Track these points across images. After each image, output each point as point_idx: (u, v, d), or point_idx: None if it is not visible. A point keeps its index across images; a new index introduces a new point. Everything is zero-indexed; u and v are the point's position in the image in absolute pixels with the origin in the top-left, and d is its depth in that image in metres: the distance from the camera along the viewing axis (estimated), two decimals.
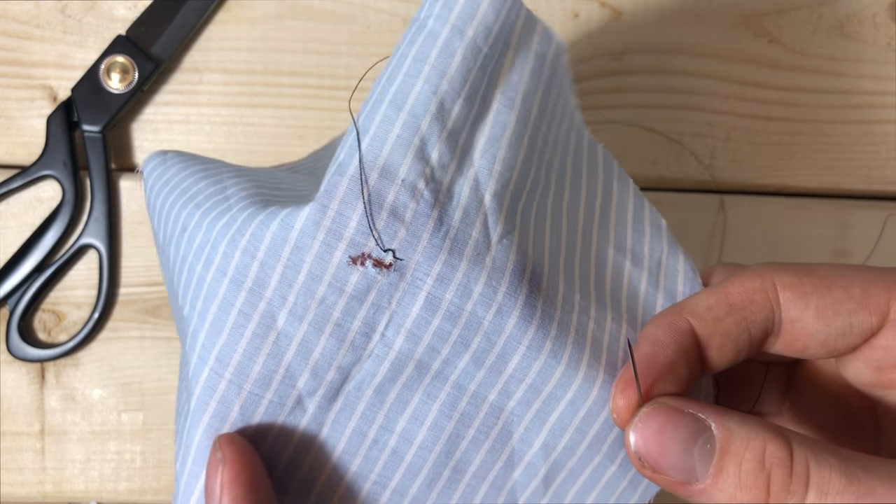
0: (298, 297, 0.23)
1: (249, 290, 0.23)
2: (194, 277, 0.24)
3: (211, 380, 0.24)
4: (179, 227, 0.25)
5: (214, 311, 0.24)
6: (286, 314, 0.23)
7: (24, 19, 0.42)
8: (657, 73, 0.43)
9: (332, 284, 0.23)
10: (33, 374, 0.42)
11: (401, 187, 0.23)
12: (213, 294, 0.24)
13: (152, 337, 0.42)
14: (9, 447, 0.42)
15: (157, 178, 0.28)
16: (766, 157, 0.44)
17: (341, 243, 0.23)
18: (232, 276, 0.24)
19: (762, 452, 0.21)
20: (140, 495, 0.42)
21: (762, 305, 0.24)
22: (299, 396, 0.24)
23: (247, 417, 0.24)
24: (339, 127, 0.43)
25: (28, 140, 0.42)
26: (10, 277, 0.41)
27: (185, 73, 0.42)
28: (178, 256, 0.25)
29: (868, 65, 0.44)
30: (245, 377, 0.24)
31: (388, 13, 0.42)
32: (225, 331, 0.24)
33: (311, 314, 0.23)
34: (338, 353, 0.24)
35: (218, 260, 0.24)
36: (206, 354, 0.24)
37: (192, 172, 0.27)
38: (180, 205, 0.26)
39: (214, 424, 0.24)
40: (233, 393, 0.24)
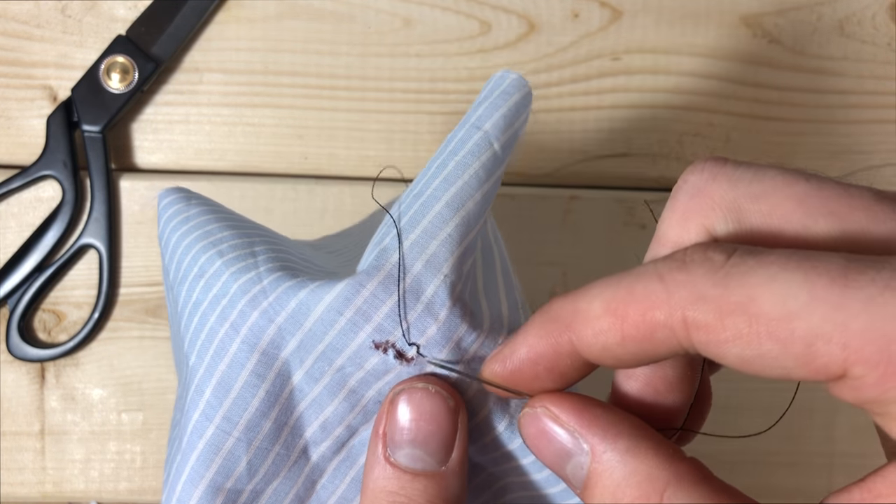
0: (316, 363, 0.23)
1: (263, 352, 0.23)
2: (205, 328, 0.24)
3: (217, 438, 0.23)
4: (196, 271, 0.25)
5: (223, 370, 0.23)
6: (302, 374, 0.23)
7: (24, 19, 0.42)
8: (657, 73, 0.43)
9: (351, 359, 0.23)
10: (33, 374, 0.42)
11: (441, 283, 0.23)
12: (223, 351, 0.23)
13: (152, 337, 0.42)
14: (9, 447, 0.42)
15: (177, 212, 0.27)
16: (767, 157, 0.44)
17: (368, 325, 0.23)
18: (245, 336, 0.23)
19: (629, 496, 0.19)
20: (140, 495, 0.42)
21: (665, 343, 0.18)
22: (305, 445, 0.24)
23: (253, 471, 0.24)
24: (340, 127, 0.43)
25: (28, 140, 0.42)
26: (10, 277, 0.41)
27: (185, 73, 0.42)
28: (191, 300, 0.24)
29: (868, 65, 0.44)
30: (255, 433, 0.23)
31: (389, 13, 0.42)
32: (235, 390, 0.23)
33: (326, 378, 0.23)
34: (349, 415, 0.24)
35: (233, 317, 0.23)
36: (212, 412, 0.23)
37: (218, 219, 0.27)
38: (200, 248, 0.25)
39: (218, 480, 0.23)
40: (241, 450, 0.23)
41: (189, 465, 0.23)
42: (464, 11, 0.43)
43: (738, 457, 0.44)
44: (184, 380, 0.25)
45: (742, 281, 0.17)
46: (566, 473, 0.20)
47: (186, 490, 0.23)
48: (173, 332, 0.27)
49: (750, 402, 0.44)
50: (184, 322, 0.24)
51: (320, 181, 0.43)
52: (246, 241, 0.25)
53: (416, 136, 0.43)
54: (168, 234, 0.26)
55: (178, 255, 0.25)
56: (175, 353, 0.27)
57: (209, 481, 0.23)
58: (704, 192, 0.20)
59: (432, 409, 0.21)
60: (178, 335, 0.26)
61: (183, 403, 0.24)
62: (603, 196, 0.43)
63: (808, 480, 0.44)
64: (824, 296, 0.16)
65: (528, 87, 0.25)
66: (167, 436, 0.42)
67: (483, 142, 0.24)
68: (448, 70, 0.43)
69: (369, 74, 0.42)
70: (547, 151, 0.43)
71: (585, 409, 0.20)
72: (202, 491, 0.23)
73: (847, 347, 0.16)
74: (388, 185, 0.43)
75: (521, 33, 0.43)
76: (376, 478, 0.21)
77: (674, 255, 0.19)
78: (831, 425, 0.44)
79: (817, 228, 0.18)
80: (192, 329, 0.24)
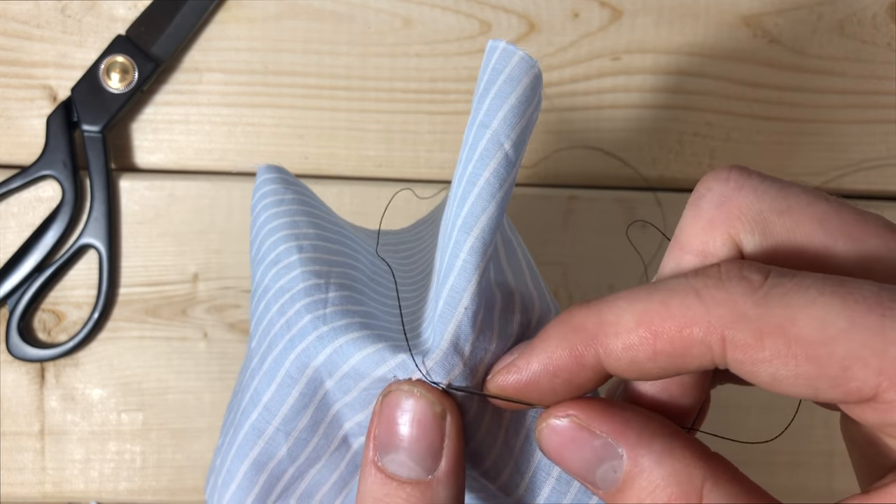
0: (343, 379, 0.23)
1: (298, 356, 0.23)
2: (267, 316, 0.24)
3: (259, 423, 0.24)
4: (272, 257, 0.25)
5: (270, 362, 0.24)
6: (333, 383, 0.23)
7: (24, 19, 0.42)
8: (657, 72, 0.43)
9: (375, 383, 0.23)
10: (33, 374, 0.42)
11: (463, 316, 0.22)
12: (274, 345, 0.24)
13: (152, 337, 0.42)
14: (9, 447, 0.42)
15: (273, 192, 0.27)
16: (767, 156, 0.44)
17: (393, 360, 0.22)
18: (293, 335, 0.23)
19: (668, 496, 0.18)
20: (140, 495, 0.42)
21: (698, 359, 0.18)
22: (345, 436, 0.24)
23: (293, 456, 0.24)
24: (339, 127, 0.43)
25: (28, 140, 0.42)
26: (10, 277, 0.41)
27: (185, 73, 0.42)
28: (262, 284, 0.25)
29: (868, 64, 0.44)
30: (293, 426, 0.24)
31: (388, 13, 0.42)
32: (275, 384, 0.24)
33: (354, 393, 0.23)
34: None
35: (290, 314, 0.23)
36: (258, 399, 0.24)
37: (307, 212, 0.27)
38: (282, 236, 0.25)
39: (261, 460, 0.24)
40: (280, 438, 0.24)
41: (237, 442, 0.24)
42: (464, 11, 0.42)
43: (739, 456, 0.43)
44: (248, 360, 0.26)
45: (782, 302, 0.17)
46: (594, 478, 0.19)
47: (235, 463, 0.24)
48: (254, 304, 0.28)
49: (751, 401, 0.43)
50: (254, 302, 0.25)
51: (320, 181, 0.43)
52: (326, 247, 0.26)
53: (416, 135, 0.43)
54: (259, 211, 0.27)
55: (262, 235, 0.26)
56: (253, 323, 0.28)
57: (252, 460, 0.24)
58: (731, 202, 0.20)
59: (416, 414, 0.21)
60: (251, 311, 0.27)
61: (242, 380, 0.25)
62: (603, 196, 0.43)
63: (809, 481, 0.44)
64: (863, 322, 0.17)
65: (538, 66, 0.23)
66: (167, 436, 0.42)
67: (492, 145, 0.22)
68: (448, 70, 0.43)
69: (369, 74, 0.42)
70: (547, 151, 0.43)
71: (615, 414, 0.20)
72: (247, 467, 0.24)
73: (882, 373, 0.17)
74: (388, 185, 0.43)
75: (522, 33, 0.43)
76: (366, 481, 0.21)
77: (708, 272, 0.19)
78: (832, 425, 0.44)
79: (837, 249, 0.19)
80: (259, 312, 0.24)
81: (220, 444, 0.26)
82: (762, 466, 0.44)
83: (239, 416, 0.25)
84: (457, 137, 0.43)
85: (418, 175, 0.43)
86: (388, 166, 0.43)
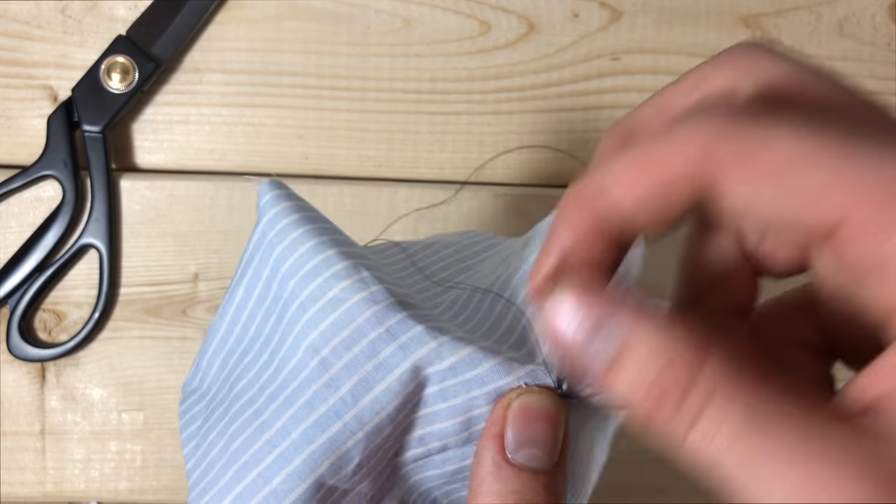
0: (455, 386, 0.24)
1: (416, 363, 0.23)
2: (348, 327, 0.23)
3: (340, 435, 0.23)
4: (336, 270, 0.24)
5: (369, 370, 0.23)
6: (437, 389, 0.24)
7: (25, 19, 0.42)
8: (656, 73, 0.43)
9: (489, 394, 0.24)
10: (34, 374, 0.42)
11: None
12: (373, 353, 0.23)
13: (152, 337, 0.42)
14: (9, 447, 0.42)
15: (289, 211, 0.26)
16: None
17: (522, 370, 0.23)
18: (403, 343, 0.23)
19: (662, 368, 0.18)
20: (140, 495, 0.43)
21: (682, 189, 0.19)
22: (398, 449, 0.25)
23: (358, 471, 0.24)
24: (340, 127, 0.43)
25: (28, 140, 0.42)
26: (11, 277, 0.41)
27: (186, 74, 0.42)
28: (324, 296, 0.24)
29: (867, 65, 0.44)
30: (377, 437, 0.23)
31: (388, 13, 0.42)
32: (375, 391, 0.23)
33: (457, 400, 0.24)
34: (453, 436, 0.24)
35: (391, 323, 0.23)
36: (344, 410, 0.23)
37: (325, 230, 0.26)
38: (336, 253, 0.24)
39: (325, 476, 0.23)
40: (357, 450, 0.23)
41: (300, 458, 0.23)
42: (464, 12, 0.43)
43: None
44: (266, 372, 0.25)
45: (763, 124, 0.18)
46: (588, 355, 0.19)
47: (288, 483, 0.23)
48: (230, 330, 0.27)
49: None
50: (303, 319, 0.24)
51: (320, 181, 0.43)
52: (379, 266, 0.25)
53: (416, 136, 0.43)
54: (282, 230, 0.25)
55: (300, 251, 0.24)
56: (223, 347, 0.27)
57: (317, 477, 0.23)
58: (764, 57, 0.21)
59: (547, 412, 0.23)
60: (259, 330, 0.26)
61: (273, 396, 0.24)
62: None
63: None
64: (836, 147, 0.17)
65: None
66: (167, 435, 0.42)
67: None
68: (448, 70, 0.43)
69: (369, 74, 0.43)
70: (546, 151, 0.43)
71: (613, 292, 0.19)
72: (308, 486, 0.23)
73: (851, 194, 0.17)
74: (389, 185, 0.43)
75: (521, 33, 0.43)
76: (499, 478, 0.22)
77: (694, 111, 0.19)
78: None
79: None
80: (323, 327, 0.23)
81: (219, 465, 0.24)
82: None
83: (280, 433, 0.23)
84: (457, 137, 0.43)
85: (418, 175, 0.43)
86: (389, 166, 0.43)
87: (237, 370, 0.27)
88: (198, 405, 0.28)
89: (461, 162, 0.43)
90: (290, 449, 0.23)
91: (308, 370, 0.23)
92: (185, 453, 0.26)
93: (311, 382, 0.23)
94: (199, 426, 0.27)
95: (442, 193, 0.43)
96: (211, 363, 0.28)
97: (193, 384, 0.29)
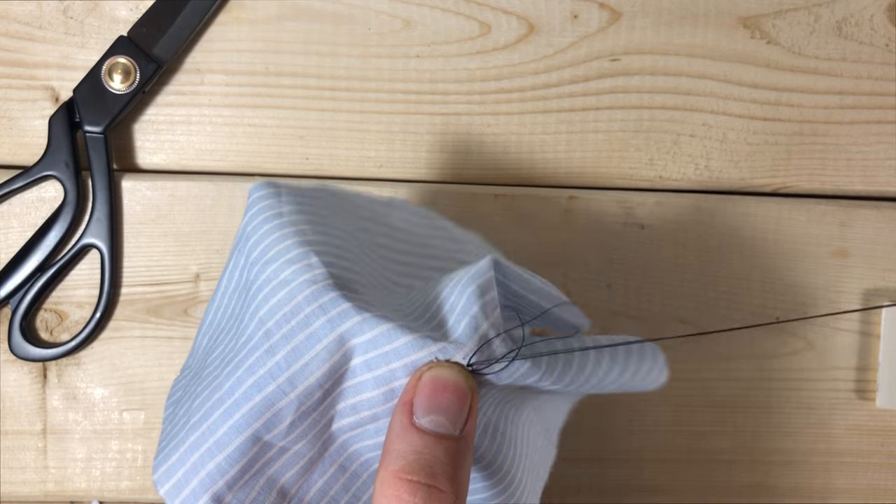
0: (376, 358, 0.26)
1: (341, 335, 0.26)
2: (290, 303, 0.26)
3: (274, 395, 0.26)
4: (290, 256, 0.27)
5: (302, 339, 0.26)
6: (362, 360, 0.27)
7: (26, 20, 0.42)
8: (655, 73, 0.43)
9: (406, 366, 0.26)
10: (35, 374, 0.42)
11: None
12: (306, 325, 0.26)
13: (154, 336, 0.42)
14: (11, 446, 0.42)
15: (269, 207, 0.30)
16: (764, 157, 0.44)
17: (435, 346, 0.26)
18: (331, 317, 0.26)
19: None
20: (142, 494, 0.43)
21: None
22: (333, 416, 0.27)
23: (292, 429, 0.27)
24: (340, 128, 0.43)
25: (30, 140, 0.42)
26: (13, 277, 0.41)
27: (187, 74, 0.43)
28: (276, 278, 0.27)
29: (866, 65, 0.44)
30: (307, 399, 0.26)
31: (389, 14, 0.43)
32: (305, 358, 0.26)
33: (379, 371, 0.26)
34: (379, 406, 0.27)
35: (324, 300, 0.26)
36: (279, 373, 0.26)
37: (309, 220, 0.30)
38: (295, 242, 0.28)
39: (261, 432, 0.26)
40: (290, 409, 0.26)
41: (240, 413, 0.26)
42: (464, 13, 0.43)
43: (735, 455, 0.44)
44: (230, 344, 0.28)
45: None
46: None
47: (229, 435, 0.26)
48: (216, 313, 0.31)
49: (749, 401, 0.44)
50: (258, 297, 0.27)
51: (321, 182, 0.43)
52: (335, 252, 0.29)
53: (417, 136, 0.43)
54: (257, 224, 0.29)
55: (266, 241, 0.28)
56: (209, 328, 0.31)
57: (254, 431, 0.26)
58: None
59: (455, 383, 0.25)
60: (233, 310, 0.29)
61: (229, 361, 0.27)
62: (603, 196, 0.43)
63: (805, 479, 0.44)
64: None
65: None
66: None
67: None
68: (448, 71, 0.43)
69: (369, 75, 0.43)
70: (546, 152, 0.44)
71: None
72: (245, 437, 0.26)
73: None
74: (389, 185, 0.43)
75: (521, 34, 0.43)
76: (405, 439, 0.25)
77: None
78: (829, 424, 0.44)
79: None
80: (271, 304, 0.27)
81: (181, 423, 0.28)
82: (757, 465, 0.44)
83: (228, 392, 0.26)
84: (457, 138, 0.43)
85: (419, 176, 0.43)
86: (389, 167, 0.43)
87: (213, 345, 0.31)
88: (183, 380, 0.31)
89: (461, 162, 0.43)
90: (232, 406, 0.26)
91: (255, 340, 0.27)
92: (163, 418, 0.30)
93: (255, 350, 0.27)
94: (179, 397, 0.30)
95: (442, 194, 0.43)
96: (199, 344, 0.33)
97: (187, 363, 0.33)
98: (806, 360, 0.44)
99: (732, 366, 0.44)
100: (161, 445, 0.28)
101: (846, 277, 0.44)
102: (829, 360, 0.44)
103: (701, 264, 0.43)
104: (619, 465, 0.44)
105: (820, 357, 0.44)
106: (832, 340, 0.44)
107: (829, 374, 0.44)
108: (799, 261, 0.44)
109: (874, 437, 0.44)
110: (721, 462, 0.44)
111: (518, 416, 0.30)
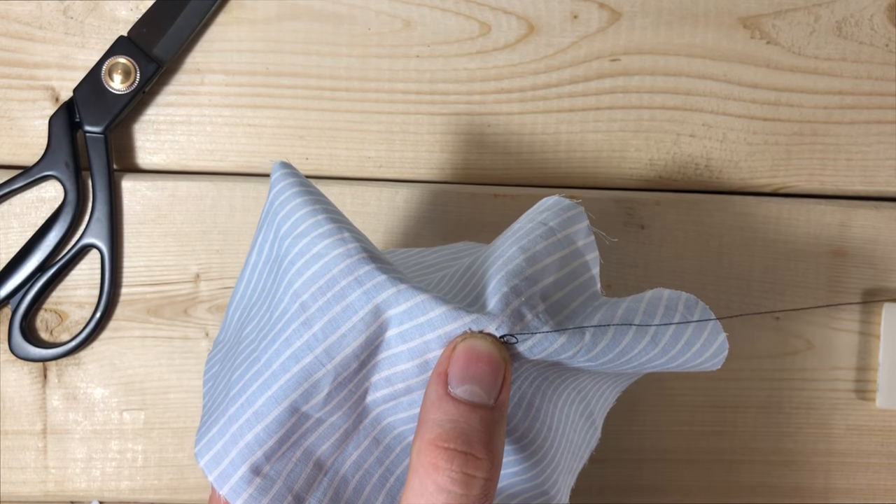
0: (411, 329, 0.27)
1: (377, 306, 0.27)
2: (326, 275, 0.27)
3: (312, 366, 0.26)
4: (323, 230, 0.28)
5: (338, 311, 0.27)
6: (397, 332, 0.27)
7: (27, 20, 0.42)
8: (655, 74, 0.43)
9: (440, 337, 0.26)
10: (35, 374, 0.42)
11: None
12: (342, 297, 0.27)
13: (154, 336, 0.42)
14: (11, 446, 0.42)
15: (297, 183, 0.30)
16: (764, 157, 0.44)
17: (468, 318, 0.26)
18: (367, 289, 0.27)
19: None
20: (142, 494, 0.43)
21: None
22: (367, 388, 0.28)
23: (329, 400, 0.27)
24: (340, 128, 0.43)
25: (30, 141, 0.42)
26: (13, 277, 0.41)
27: (187, 74, 0.43)
28: (309, 252, 0.27)
29: (865, 66, 0.44)
30: (343, 370, 0.27)
31: (389, 14, 0.43)
32: (342, 329, 0.27)
33: (413, 343, 0.27)
34: (413, 378, 0.28)
35: (360, 273, 0.27)
36: (316, 344, 0.27)
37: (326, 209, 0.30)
38: (326, 217, 0.28)
39: (299, 402, 0.27)
40: (327, 380, 0.27)
41: (278, 384, 0.26)
42: (464, 13, 0.43)
43: (736, 455, 0.44)
44: (264, 317, 0.29)
45: None
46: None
47: (268, 405, 0.26)
48: (247, 288, 0.32)
49: (749, 401, 0.44)
50: (291, 271, 0.27)
51: (321, 182, 0.43)
52: (358, 234, 0.29)
53: (417, 136, 0.43)
54: (285, 198, 0.29)
55: (296, 215, 0.28)
56: (241, 302, 0.32)
57: (291, 401, 0.26)
58: None
59: (489, 354, 0.26)
60: (265, 284, 0.30)
61: (266, 335, 0.28)
62: (603, 196, 0.43)
63: (805, 479, 0.44)
64: None
65: None
66: (168, 435, 0.43)
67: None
68: (448, 71, 0.43)
69: (369, 76, 0.43)
70: (546, 152, 0.44)
71: None
72: (283, 408, 0.26)
73: None
74: (389, 185, 0.43)
75: (521, 34, 0.43)
76: (441, 408, 0.25)
77: None
78: (829, 424, 0.44)
79: None
80: (306, 277, 0.27)
81: (220, 396, 0.28)
82: (757, 465, 0.44)
83: (266, 364, 0.27)
84: (457, 138, 0.43)
85: (419, 176, 0.43)
86: (389, 167, 0.43)
87: (246, 320, 0.31)
88: (218, 354, 0.32)
89: (461, 162, 0.43)
90: (270, 377, 0.27)
91: (291, 312, 0.27)
92: (203, 393, 0.31)
93: (291, 322, 0.27)
94: (217, 371, 0.31)
95: (442, 194, 0.43)
96: (231, 318, 0.33)
97: (219, 338, 0.33)
98: (806, 360, 0.44)
99: (732, 366, 0.44)
100: (203, 419, 0.28)
101: (846, 277, 0.44)
102: (829, 360, 0.44)
103: (701, 264, 0.44)
104: (619, 465, 0.44)
105: (820, 357, 0.44)
106: (832, 340, 0.44)
107: (829, 374, 0.44)
108: (799, 261, 0.44)
109: (874, 437, 0.44)
110: (721, 462, 0.44)
111: (556, 395, 0.31)
